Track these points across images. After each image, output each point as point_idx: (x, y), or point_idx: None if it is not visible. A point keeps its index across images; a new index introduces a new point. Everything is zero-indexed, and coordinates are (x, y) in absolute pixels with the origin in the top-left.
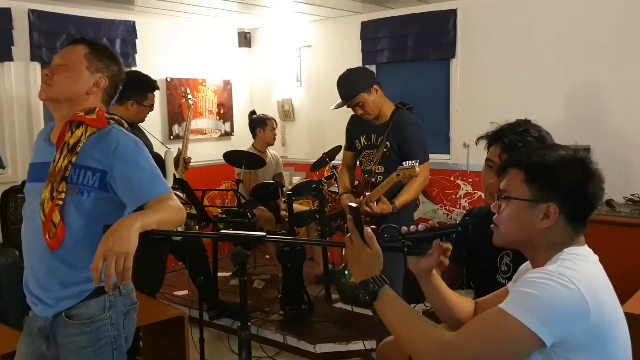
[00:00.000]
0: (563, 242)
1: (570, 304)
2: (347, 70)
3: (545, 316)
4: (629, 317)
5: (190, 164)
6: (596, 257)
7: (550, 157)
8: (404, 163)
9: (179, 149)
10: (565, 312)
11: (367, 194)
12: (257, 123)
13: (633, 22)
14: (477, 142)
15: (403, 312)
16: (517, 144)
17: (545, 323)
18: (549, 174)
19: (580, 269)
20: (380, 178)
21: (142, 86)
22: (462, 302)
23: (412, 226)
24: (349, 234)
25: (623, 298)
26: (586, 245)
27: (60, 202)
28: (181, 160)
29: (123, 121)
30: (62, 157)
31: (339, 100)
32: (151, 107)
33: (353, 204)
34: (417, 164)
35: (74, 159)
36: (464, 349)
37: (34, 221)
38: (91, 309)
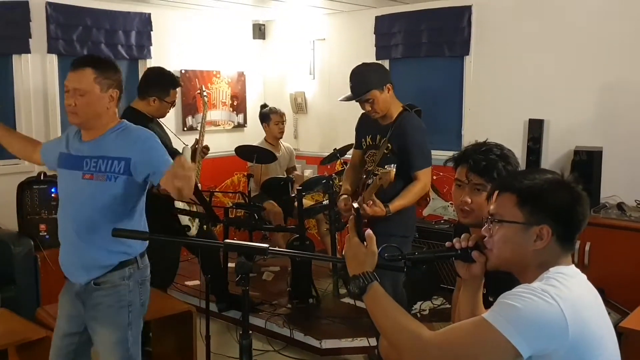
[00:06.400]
0: (552, 261)
1: (548, 319)
2: (363, 64)
3: (523, 328)
4: (627, 332)
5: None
6: (584, 276)
7: (540, 180)
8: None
9: (196, 139)
10: (543, 326)
11: (361, 196)
12: (263, 118)
13: None
14: (445, 163)
15: (389, 307)
16: (481, 162)
17: (523, 335)
18: (541, 197)
19: (564, 287)
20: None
21: (165, 83)
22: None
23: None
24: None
25: (633, 304)
26: (573, 265)
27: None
28: (199, 149)
29: None
30: None
31: (349, 93)
32: (173, 104)
33: (356, 204)
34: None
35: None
36: (441, 349)
37: (68, 207)
38: (114, 278)
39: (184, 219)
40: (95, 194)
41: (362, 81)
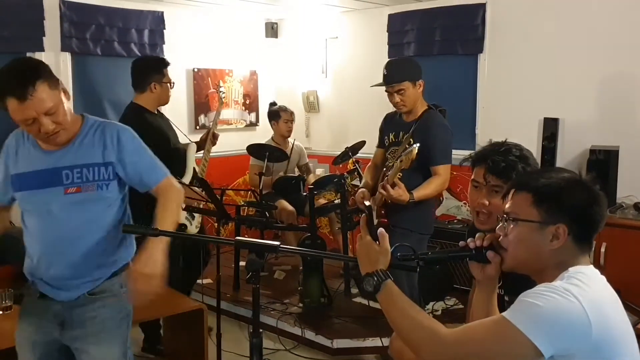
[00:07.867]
0: (570, 261)
1: (571, 318)
2: (400, 57)
3: (545, 327)
4: None
5: (217, 153)
6: (603, 277)
7: (557, 179)
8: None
9: (207, 129)
10: (565, 325)
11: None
12: (271, 116)
13: None
14: (461, 163)
15: (404, 305)
16: (500, 164)
17: (545, 333)
18: (557, 196)
19: (586, 287)
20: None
21: (156, 65)
22: None
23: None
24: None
25: None
26: (592, 265)
27: None
28: (210, 136)
29: None
30: None
31: (380, 81)
32: (171, 83)
33: (367, 202)
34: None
35: None
36: (460, 347)
37: (49, 224)
38: (114, 286)
39: (181, 217)
40: (85, 206)
41: (398, 71)
